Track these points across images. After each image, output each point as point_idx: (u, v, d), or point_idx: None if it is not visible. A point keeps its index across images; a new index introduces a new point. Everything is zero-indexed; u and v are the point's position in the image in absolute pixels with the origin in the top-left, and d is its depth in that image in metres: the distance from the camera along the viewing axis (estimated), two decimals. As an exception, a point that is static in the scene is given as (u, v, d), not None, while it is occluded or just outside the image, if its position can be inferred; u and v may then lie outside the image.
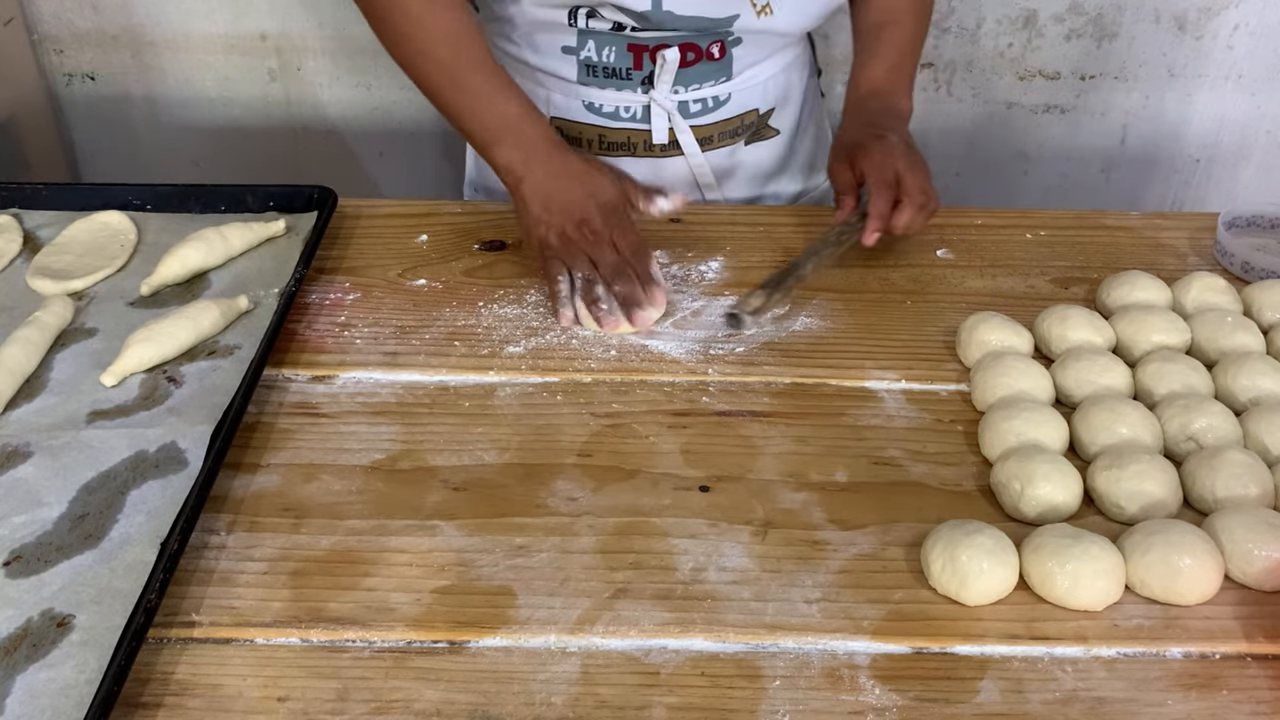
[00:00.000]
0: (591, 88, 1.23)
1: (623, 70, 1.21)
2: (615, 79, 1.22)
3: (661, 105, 1.23)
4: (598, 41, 1.20)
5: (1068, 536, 0.81)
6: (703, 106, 1.25)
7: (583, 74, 1.23)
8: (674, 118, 1.24)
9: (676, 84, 1.22)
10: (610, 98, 1.24)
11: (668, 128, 1.25)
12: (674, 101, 1.23)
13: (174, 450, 0.90)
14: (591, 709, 0.74)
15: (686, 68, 1.21)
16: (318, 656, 0.77)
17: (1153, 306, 1.05)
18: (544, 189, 1.08)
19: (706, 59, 1.21)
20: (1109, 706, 0.75)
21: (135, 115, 1.96)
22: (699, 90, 1.24)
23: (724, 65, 1.23)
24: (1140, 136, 1.97)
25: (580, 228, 1.06)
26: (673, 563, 0.84)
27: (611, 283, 1.05)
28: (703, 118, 1.26)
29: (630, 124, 1.25)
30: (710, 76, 1.23)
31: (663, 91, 1.22)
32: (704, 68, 1.22)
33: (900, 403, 0.99)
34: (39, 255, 1.11)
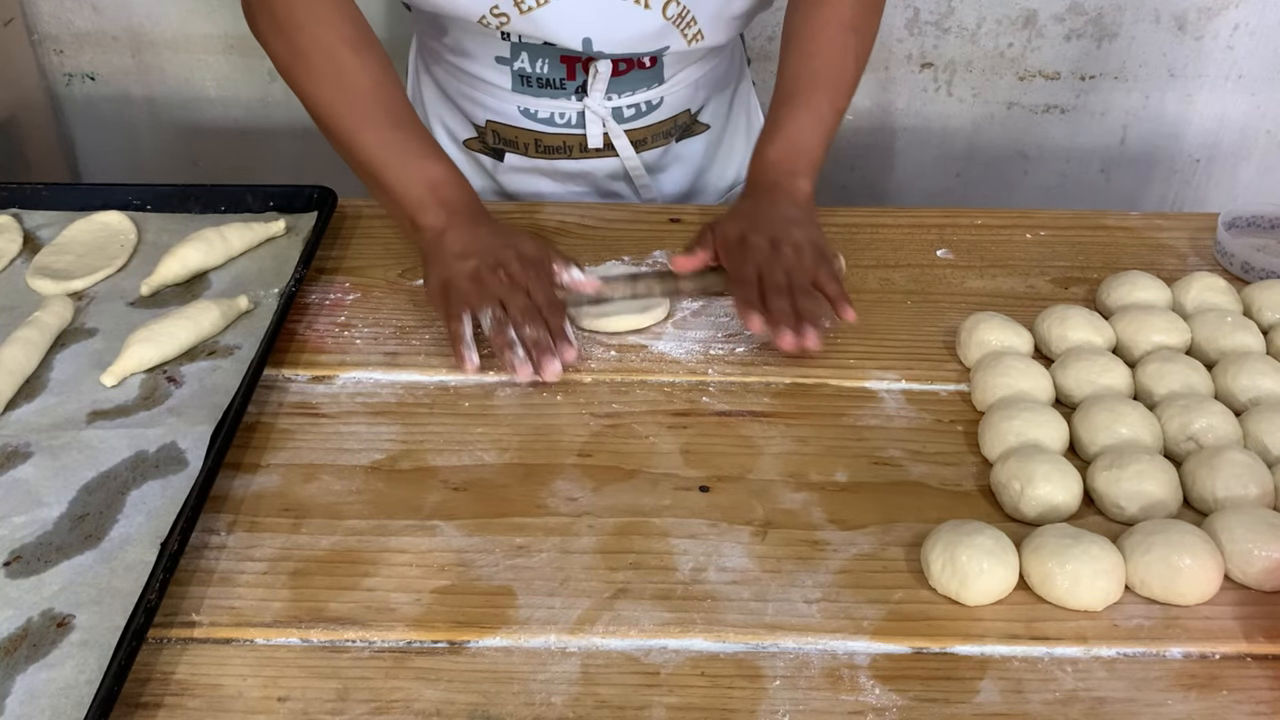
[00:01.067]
0: (526, 95, 1.23)
1: (556, 80, 1.21)
2: (549, 88, 1.22)
3: (596, 112, 1.23)
4: (531, 53, 1.19)
5: (1068, 536, 0.81)
6: (636, 111, 1.25)
7: (516, 83, 1.22)
8: (608, 123, 1.24)
9: (610, 91, 1.22)
10: (545, 105, 1.23)
11: (602, 133, 1.25)
12: (608, 108, 1.23)
13: (174, 450, 0.90)
14: (591, 709, 0.74)
15: (619, 76, 1.21)
16: (318, 656, 0.77)
17: (1153, 306, 1.05)
18: (465, 236, 1.03)
19: (638, 67, 1.21)
20: (1109, 706, 0.75)
21: (135, 115, 1.96)
22: (632, 96, 1.24)
23: (655, 73, 1.23)
24: (1140, 136, 1.97)
25: (495, 270, 1.00)
26: (673, 563, 0.84)
27: (521, 325, 0.98)
28: (636, 121, 1.26)
29: (565, 129, 1.25)
30: (643, 83, 1.23)
31: (596, 99, 1.22)
32: (636, 76, 1.22)
33: (900, 403, 0.99)
34: (39, 255, 1.11)
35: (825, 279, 1.02)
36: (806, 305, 1.00)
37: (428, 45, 1.29)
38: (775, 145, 1.14)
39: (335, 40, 1.07)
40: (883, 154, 2.00)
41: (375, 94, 1.07)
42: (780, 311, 0.99)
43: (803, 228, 1.06)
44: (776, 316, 0.99)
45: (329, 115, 1.08)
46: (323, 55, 1.07)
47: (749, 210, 1.09)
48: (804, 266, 1.02)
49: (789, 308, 0.99)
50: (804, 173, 1.13)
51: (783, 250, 1.03)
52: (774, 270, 1.02)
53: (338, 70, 1.07)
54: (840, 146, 1.99)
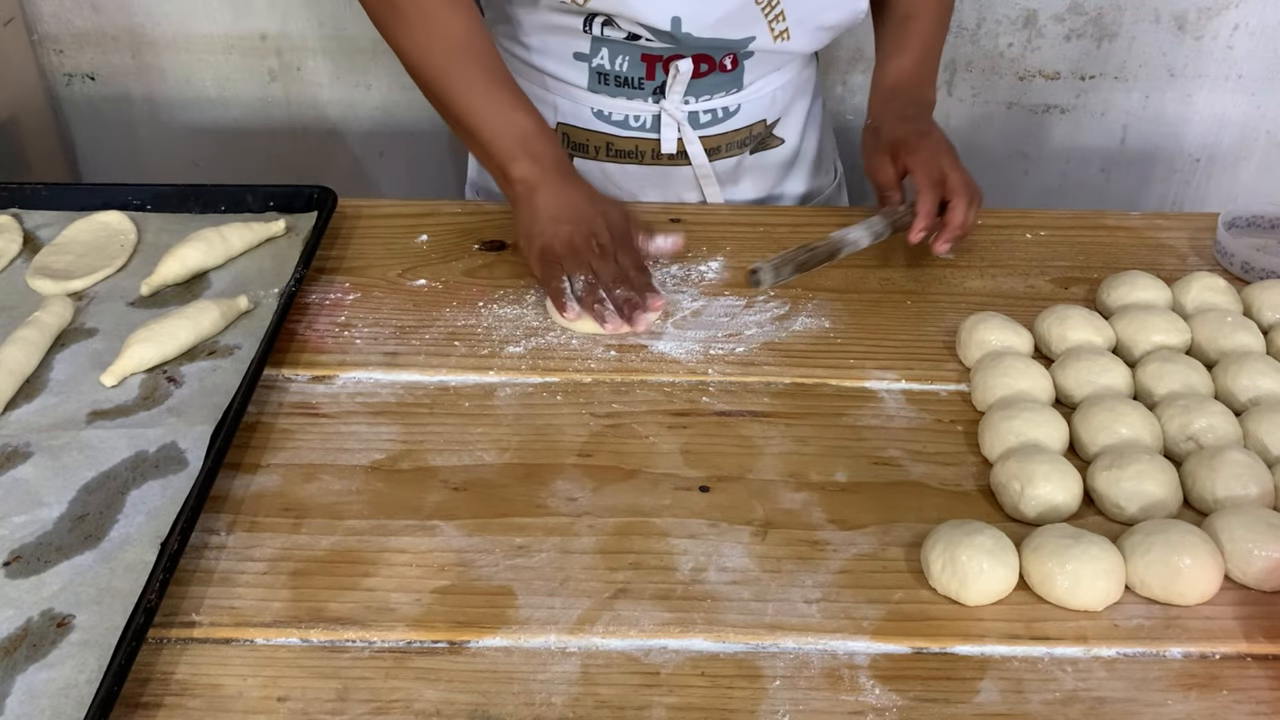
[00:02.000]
0: (602, 95, 1.23)
1: (635, 79, 1.21)
2: (627, 88, 1.22)
3: (672, 115, 1.23)
4: (611, 50, 1.19)
5: (1068, 536, 0.81)
6: (713, 117, 1.25)
7: (594, 81, 1.22)
8: (684, 128, 1.24)
9: (688, 94, 1.22)
10: (620, 106, 1.23)
11: (677, 138, 1.25)
12: (684, 112, 1.23)
13: (174, 450, 0.90)
14: (591, 709, 0.74)
15: (699, 78, 1.21)
16: (318, 656, 0.77)
17: (1153, 306, 1.05)
18: (558, 199, 1.08)
19: (719, 70, 1.21)
20: (1109, 706, 0.75)
21: (135, 115, 1.96)
22: (710, 101, 1.23)
23: (735, 77, 1.23)
24: (1140, 136, 1.97)
25: (589, 239, 1.06)
26: (673, 563, 0.84)
27: (612, 289, 1.05)
28: (712, 128, 1.26)
29: (639, 133, 1.25)
30: (722, 88, 1.23)
31: (674, 102, 1.22)
32: (716, 79, 1.22)
33: (900, 403, 0.99)
34: (39, 255, 1.11)
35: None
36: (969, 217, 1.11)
37: (502, 45, 1.28)
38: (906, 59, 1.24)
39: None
40: (883, 154, 2.00)
41: (467, 45, 1.10)
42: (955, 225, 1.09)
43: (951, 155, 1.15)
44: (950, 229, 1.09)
45: (422, 65, 1.11)
46: (416, 8, 1.09)
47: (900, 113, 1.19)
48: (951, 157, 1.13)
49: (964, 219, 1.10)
50: (928, 86, 1.25)
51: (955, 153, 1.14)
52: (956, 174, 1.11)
53: (429, 22, 1.09)
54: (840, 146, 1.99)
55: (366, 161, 2.01)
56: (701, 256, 1.16)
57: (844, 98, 1.93)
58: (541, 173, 1.08)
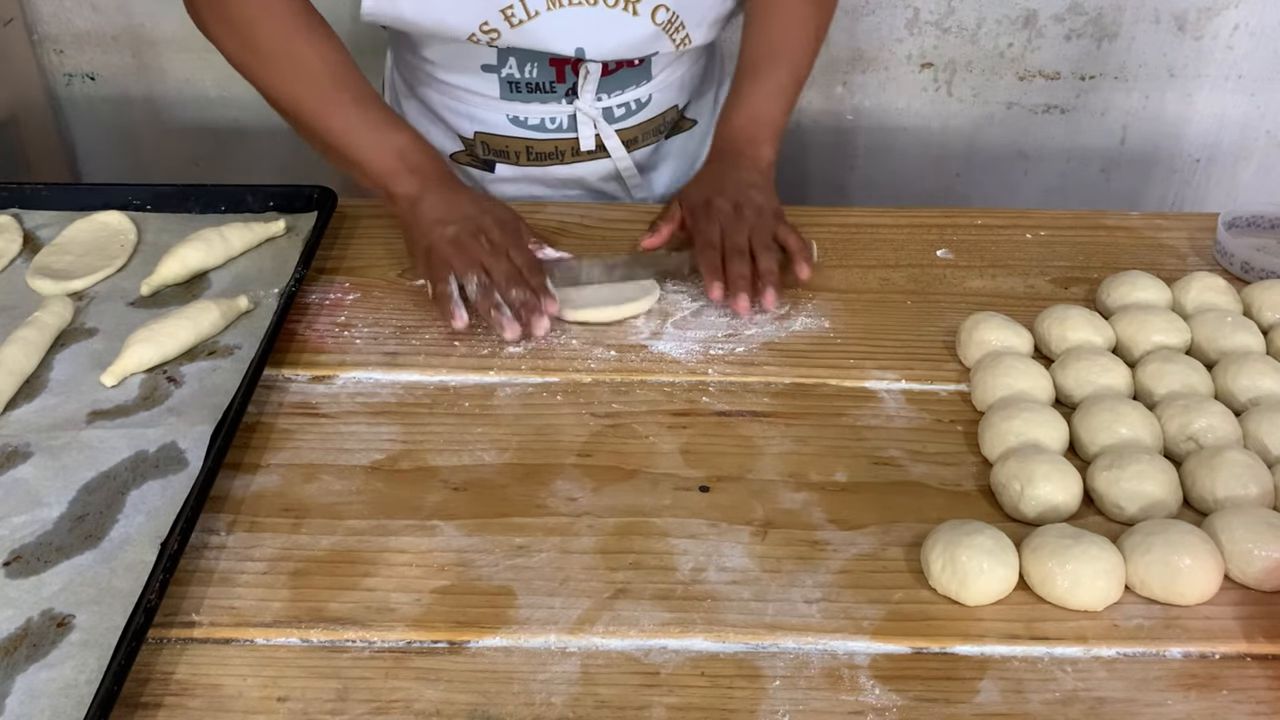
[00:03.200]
0: (515, 102, 1.23)
1: (546, 83, 1.21)
2: (539, 92, 1.22)
3: (587, 114, 1.24)
4: (519, 58, 1.19)
5: (1068, 536, 0.81)
6: (626, 110, 1.26)
7: (505, 90, 1.22)
8: (600, 124, 1.25)
9: (599, 92, 1.23)
10: (535, 110, 1.23)
11: (594, 134, 1.26)
12: (599, 109, 1.24)
13: (174, 450, 0.90)
14: (591, 709, 0.74)
15: (608, 75, 1.22)
16: (318, 656, 0.77)
17: (1153, 306, 1.05)
18: (443, 204, 1.07)
19: (627, 66, 1.22)
20: (1109, 706, 0.75)
21: (135, 115, 1.96)
22: (621, 95, 1.24)
23: (644, 70, 1.24)
24: (1140, 136, 1.97)
25: (476, 236, 1.05)
26: (673, 563, 0.84)
27: (506, 290, 1.02)
28: (627, 120, 1.27)
29: (556, 134, 1.25)
30: (632, 81, 1.24)
31: (587, 100, 1.22)
32: (625, 74, 1.23)
33: (900, 403, 0.99)
34: (39, 255, 1.11)
35: (785, 234, 1.08)
36: (765, 263, 1.06)
37: (406, 61, 1.29)
38: (739, 114, 1.19)
39: (287, 30, 1.09)
40: (883, 154, 2.00)
41: (333, 75, 1.10)
42: (739, 277, 1.05)
43: (763, 192, 1.12)
44: (735, 282, 1.04)
45: (291, 102, 1.10)
46: (277, 46, 1.09)
47: (713, 176, 1.15)
48: (765, 225, 1.08)
49: (747, 272, 1.05)
50: (766, 140, 1.18)
51: (744, 213, 1.09)
52: (736, 233, 1.07)
53: (293, 58, 1.09)
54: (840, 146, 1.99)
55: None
56: (701, 256, 1.16)
57: (844, 97, 1.93)
58: (423, 183, 1.08)
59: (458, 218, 1.06)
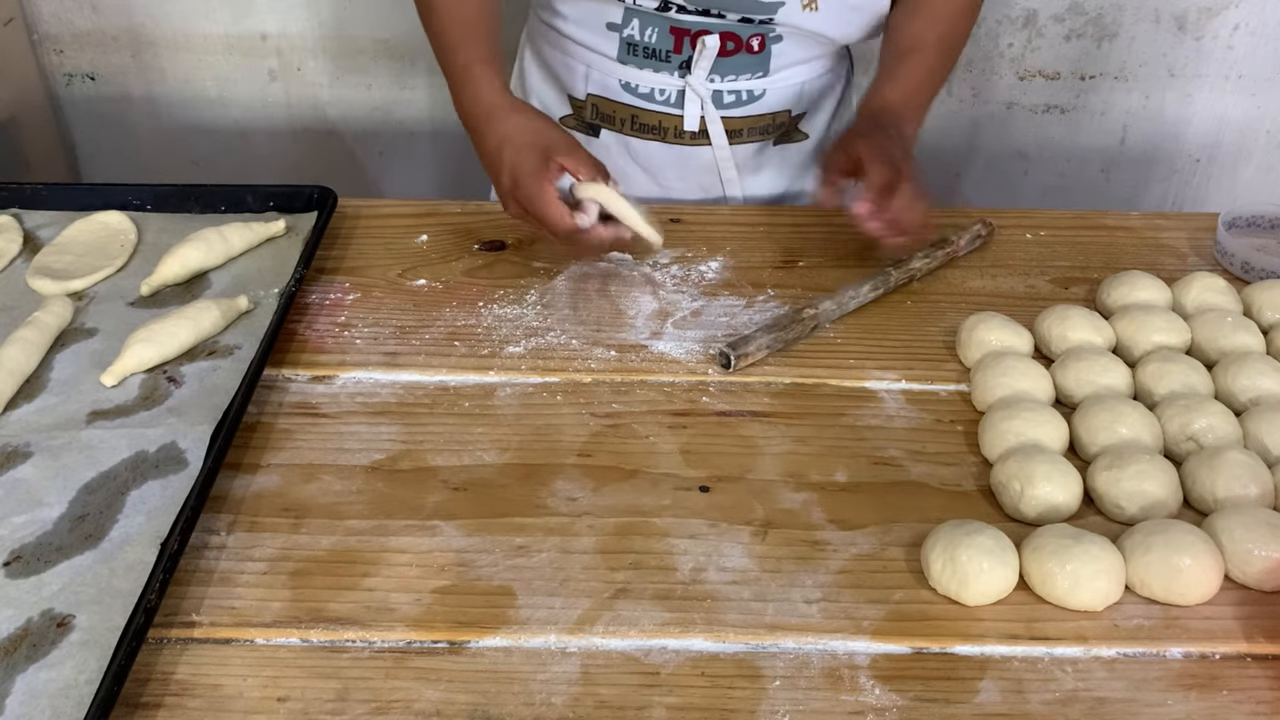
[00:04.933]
0: (630, 67, 1.24)
1: (663, 52, 1.22)
2: (654, 59, 1.23)
3: (696, 91, 1.24)
4: (642, 20, 1.21)
5: (1068, 536, 0.81)
6: (736, 99, 1.26)
7: (623, 52, 1.23)
8: (706, 106, 1.25)
9: (713, 72, 1.23)
10: (647, 79, 1.24)
11: (700, 115, 1.26)
12: (709, 89, 1.24)
13: (174, 450, 0.90)
14: (591, 709, 0.74)
15: (725, 56, 1.22)
16: (318, 656, 0.77)
17: (1153, 306, 1.05)
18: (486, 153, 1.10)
19: (746, 51, 1.22)
20: (1109, 706, 0.75)
21: (135, 115, 1.96)
22: (735, 81, 1.24)
23: (762, 60, 1.23)
24: (1140, 136, 1.97)
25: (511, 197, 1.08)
26: (673, 563, 0.84)
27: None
28: (735, 110, 1.26)
29: (664, 107, 1.26)
30: (747, 69, 1.24)
31: (699, 77, 1.23)
32: (742, 59, 1.23)
33: (900, 403, 0.99)
34: (39, 255, 1.11)
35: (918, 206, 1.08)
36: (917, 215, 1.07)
37: (539, 18, 1.31)
38: (889, 92, 1.20)
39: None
40: (883, 154, 2.00)
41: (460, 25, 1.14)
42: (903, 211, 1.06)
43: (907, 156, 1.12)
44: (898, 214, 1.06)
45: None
46: None
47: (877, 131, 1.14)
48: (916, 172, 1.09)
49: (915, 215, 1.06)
50: (911, 120, 1.19)
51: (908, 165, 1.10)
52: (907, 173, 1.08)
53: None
54: (840, 146, 1.99)
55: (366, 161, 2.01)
56: (701, 256, 1.16)
57: (845, 98, 1.93)
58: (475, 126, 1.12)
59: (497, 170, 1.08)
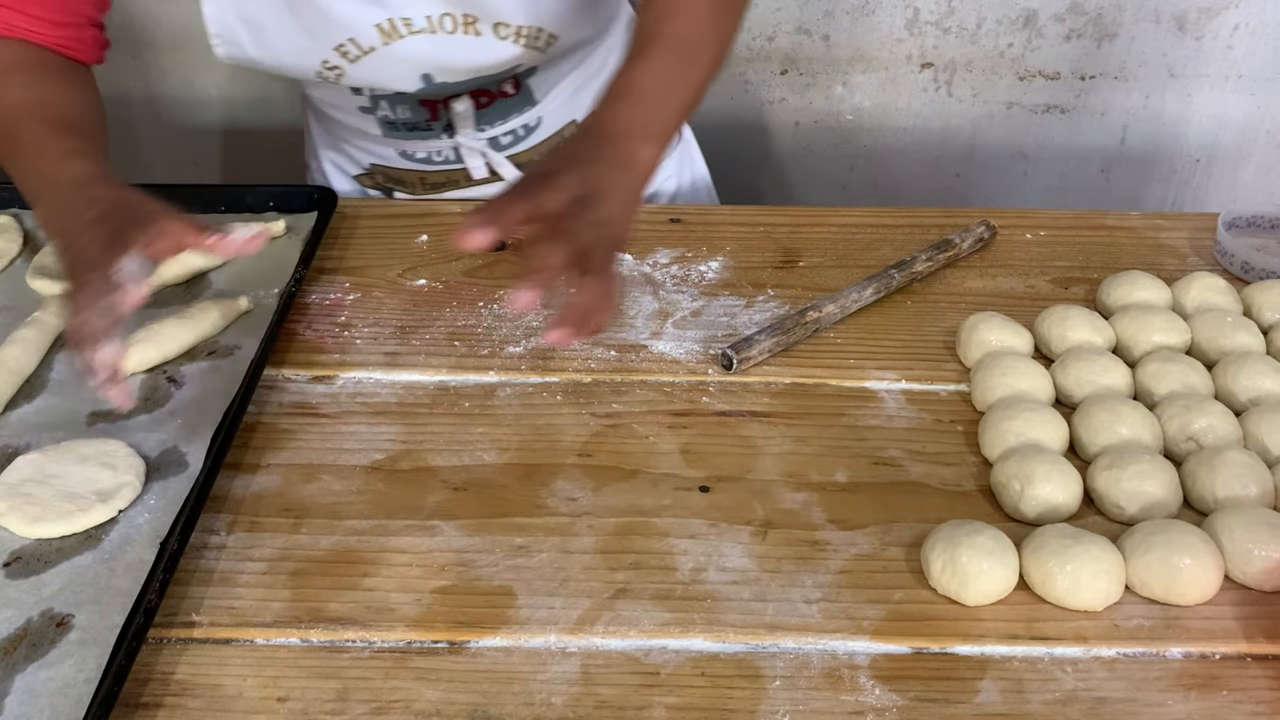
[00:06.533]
0: (398, 140, 1.22)
1: (421, 122, 1.20)
2: (417, 130, 1.20)
3: (471, 147, 1.21)
4: (389, 101, 1.18)
5: (1068, 536, 0.81)
6: (514, 137, 1.22)
7: (386, 129, 1.21)
8: (488, 153, 1.22)
9: (480, 124, 1.19)
10: (419, 146, 1.22)
11: (484, 164, 1.23)
12: (483, 140, 1.21)
13: (174, 451, 0.90)
14: (591, 709, 0.74)
15: (484, 109, 1.18)
16: (318, 656, 0.77)
17: (1153, 306, 1.05)
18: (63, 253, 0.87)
19: (502, 97, 1.18)
20: (1109, 707, 0.75)
21: (135, 115, 1.96)
22: (505, 123, 1.21)
23: (524, 97, 1.19)
24: (1140, 136, 1.97)
25: None
26: (673, 563, 0.84)
27: None
28: (517, 146, 1.24)
29: (446, 166, 1.24)
30: (514, 110, 1.20)
31: (468, 135, 1.20)
32: (503, 105, 1.19)
33: (900, 403, 0.99)
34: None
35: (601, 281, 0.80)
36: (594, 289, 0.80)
37: (309, 99, 1.29)
38: (617, 96, 0.89)
39: None
40: (883, 154, 2.00)
41: None
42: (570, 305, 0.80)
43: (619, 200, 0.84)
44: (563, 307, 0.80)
45: None
46: None
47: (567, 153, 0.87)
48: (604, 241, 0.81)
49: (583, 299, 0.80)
50: (646, 137, 0.88)
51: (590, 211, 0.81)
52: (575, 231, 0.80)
53: None
54: (840, 146, 1.99)
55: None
56: (701, 256, 1.16)
57: (844, 97, 1.93)
58: None
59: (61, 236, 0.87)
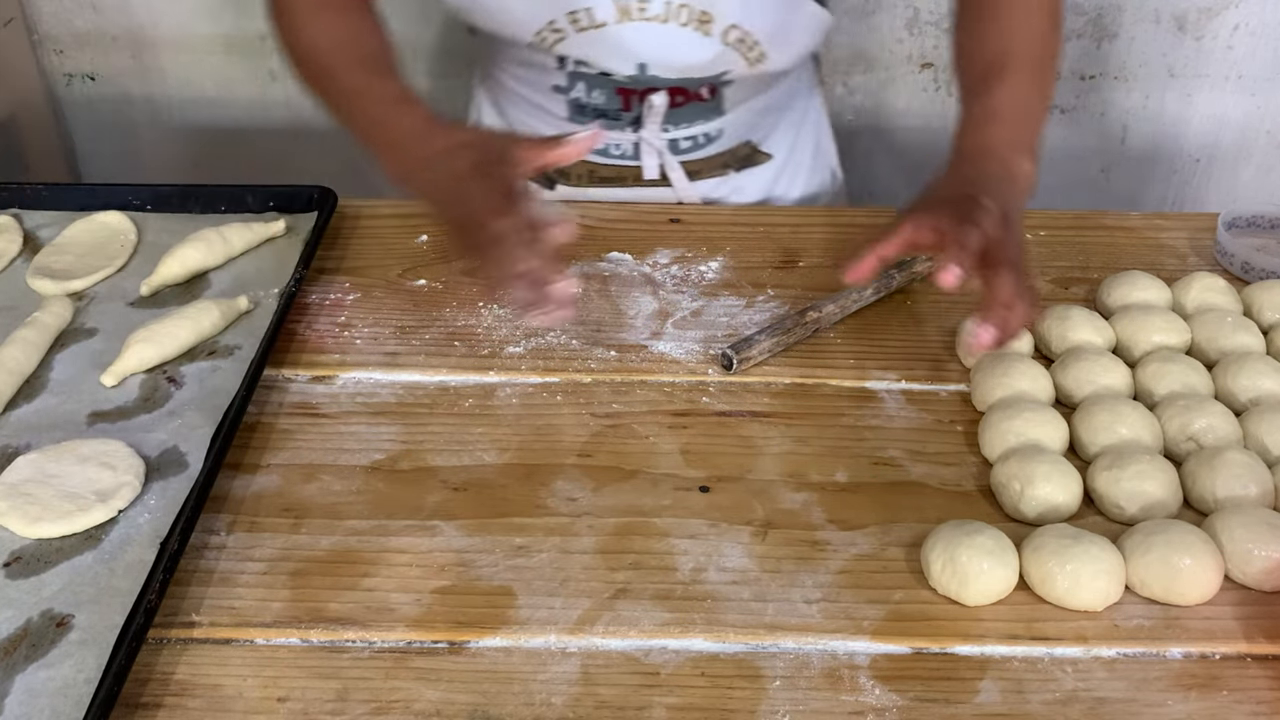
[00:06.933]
0: (582, 126, 1.22)
1: (611, 111, 1.21)
2: (606, 118, 1.21)
3: (652, 144, 1.22)
4: (587, 84, 1.19)
5: (1068, 536, 0.81)
6: (694, 143, 1.24)
7: (572, 112, 1.22)
8: (664, 155, 1.23)
9: (666, 123, 1.21)
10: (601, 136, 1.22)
11: (658, 164, 1.24)
12: (664, 140, 1.22)
13: (174, 451, 0.90)
14: (591, 709, 0.74)
15: (676, 108, 1.20)
16: (318, 656, 0.77)
17: (1153, 306, 1.05)
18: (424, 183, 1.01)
19: (696, 100, 1.20)
20: (1109, 707, 0.75)
21: (135, 115, 1.96)
22: (690, 128, 1.23)
23: (715, 105, 1.21)
24: (1140, 136, 1.97)
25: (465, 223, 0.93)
26: (673, 563, 0.84)
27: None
28: (694, 153, 1.25)
29: (620, 160, 1.24)
30: (701, 116, 1.22)
31: (652, 131, 1.21)
32: (694, 109, 1.21)
33: (900, 403, 0.99)
34: (39, 255, 1.11)
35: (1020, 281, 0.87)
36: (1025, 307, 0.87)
37: (490, 74, 1.29)
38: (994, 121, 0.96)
39: None
40: (883, 154, 2.00)
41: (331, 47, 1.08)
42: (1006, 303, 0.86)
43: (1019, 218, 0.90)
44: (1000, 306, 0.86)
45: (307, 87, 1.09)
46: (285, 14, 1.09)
47: (969, 175, 0.93)
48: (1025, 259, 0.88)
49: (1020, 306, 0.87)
50: (1025, 150, 0.95)
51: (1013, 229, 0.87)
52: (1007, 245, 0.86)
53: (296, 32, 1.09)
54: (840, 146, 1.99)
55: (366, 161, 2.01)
56: (701, 256, 1.16)
57: (844, 98, 1.93)
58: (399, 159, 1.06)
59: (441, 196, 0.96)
